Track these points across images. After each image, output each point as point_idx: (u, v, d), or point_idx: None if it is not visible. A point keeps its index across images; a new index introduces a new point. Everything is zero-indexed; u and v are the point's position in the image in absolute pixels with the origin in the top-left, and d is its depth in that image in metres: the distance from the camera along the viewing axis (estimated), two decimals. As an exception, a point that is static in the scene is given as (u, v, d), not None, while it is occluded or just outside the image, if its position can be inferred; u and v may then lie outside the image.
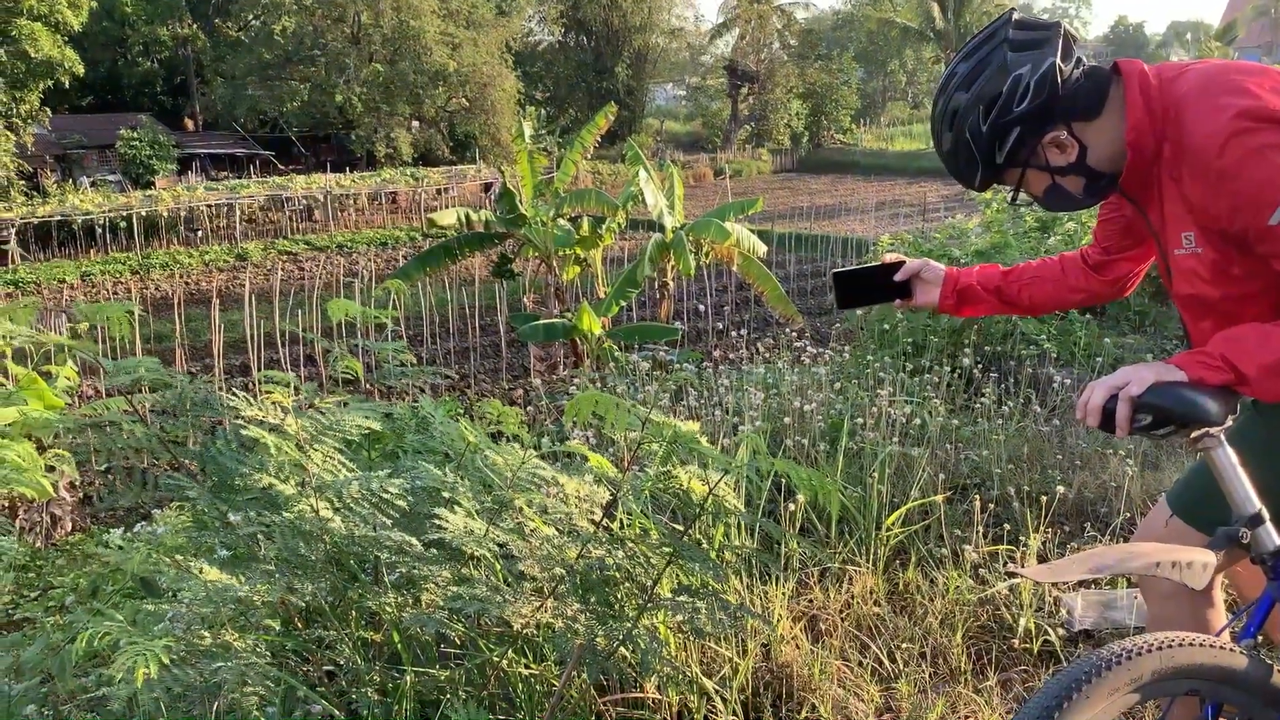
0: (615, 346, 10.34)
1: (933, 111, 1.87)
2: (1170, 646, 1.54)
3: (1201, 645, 1.57)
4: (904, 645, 2.80)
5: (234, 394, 2.16)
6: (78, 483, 7.61)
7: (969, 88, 1.76)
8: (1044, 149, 1.78)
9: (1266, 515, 1.65)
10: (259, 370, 12.86)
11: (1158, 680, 1.53)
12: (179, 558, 2.22)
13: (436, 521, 2.09)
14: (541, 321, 10.96)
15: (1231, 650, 1.60)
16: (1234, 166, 1.59)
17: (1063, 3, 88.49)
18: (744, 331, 8.58)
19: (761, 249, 12.48)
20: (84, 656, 2.11)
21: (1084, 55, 1.76)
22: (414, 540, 2.10)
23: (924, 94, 57.82)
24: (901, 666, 2.71)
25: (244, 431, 2.06)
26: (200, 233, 27.33)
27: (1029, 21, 1.77)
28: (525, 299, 13.76)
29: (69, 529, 6.67)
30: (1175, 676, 1.54)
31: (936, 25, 48.46)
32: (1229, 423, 1.62)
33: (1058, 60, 1.71)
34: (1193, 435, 1.63)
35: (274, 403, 2.12)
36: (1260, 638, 1.74)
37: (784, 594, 2.88)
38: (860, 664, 2.72)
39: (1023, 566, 3.10)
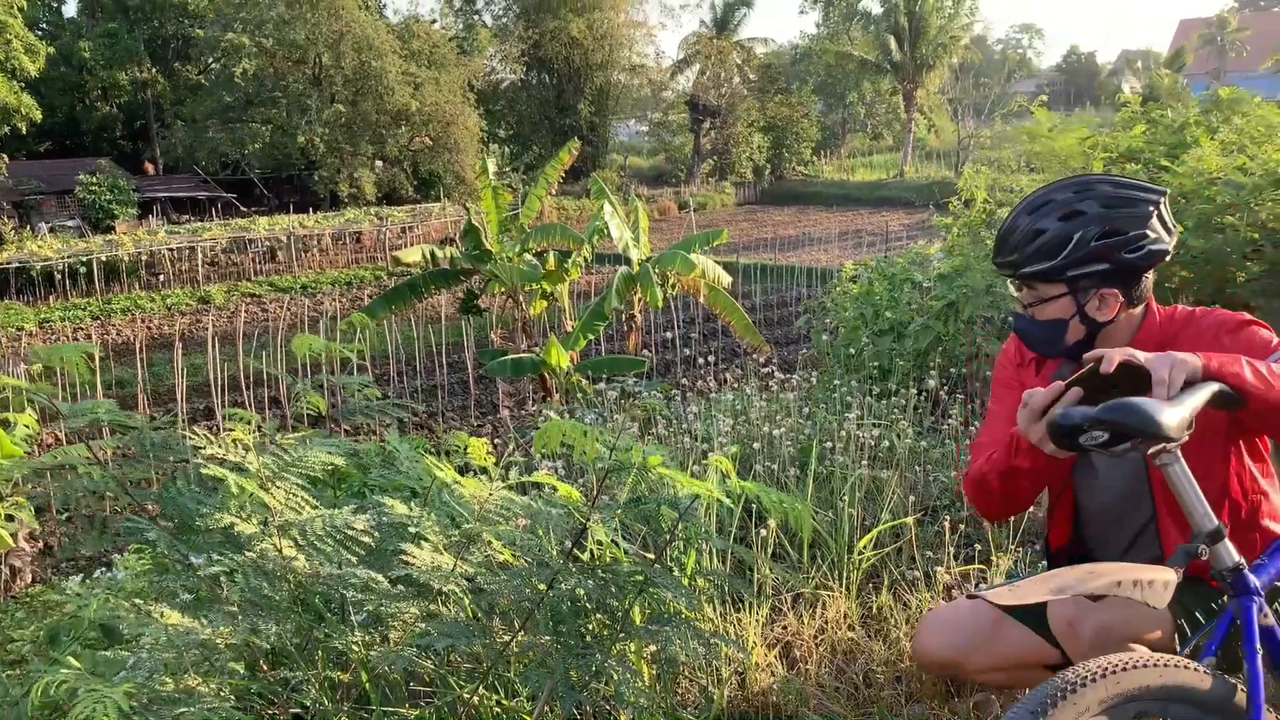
0: (584, 379, 10.30)
1: (1051, 193, 2.01)
2: (1140, 667, 1.53)
3: (1169, 666, 1.57)
4: (879, 669, 2.78)
5: (194, 433, 2.13)
6: (38, 533, 7.45)
7: (1106, 207, 1.95)
8: (1097, 293, 1.97)
9: (1225, 531, 1.65)
10: (223, 412, 12.68)
11: (1124, 701, 1.52)
12: (139, 602, 2.17)
13: (403, 557, 2.06)
14: (510, 357, 10.89)
15: (1195, 670, 1.59)
16: (1243, 337, 1.95)
17: (1016, 34, 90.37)
18: (712, 359, 8.60)
19: (726, 279, 12.53)
20: (40, 707, 2.05)
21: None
22: (380, 577, 2.07)
23: (882, 125, 58.47)
24: (877, 691, 2.69)
25: (204, 470, 2.02)
26: (162, 277, 27.04)
27: (1167, 212, 2.01)
28: (493, 335, 13.68)
29: (29, 580, 6.51)
30: (1143, 698, 1.53)
31: (893, 57, 49.18)
32: (1185, 438, 1.62)
33: (1170, 249, 1.97)
34: (1150, 451, 1.63)
35: (235, 440, 2.08)
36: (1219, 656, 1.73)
37: (758, 621, 2.86)
38: (836, 689, 2.70)
39: (989, 588, 3.09)
